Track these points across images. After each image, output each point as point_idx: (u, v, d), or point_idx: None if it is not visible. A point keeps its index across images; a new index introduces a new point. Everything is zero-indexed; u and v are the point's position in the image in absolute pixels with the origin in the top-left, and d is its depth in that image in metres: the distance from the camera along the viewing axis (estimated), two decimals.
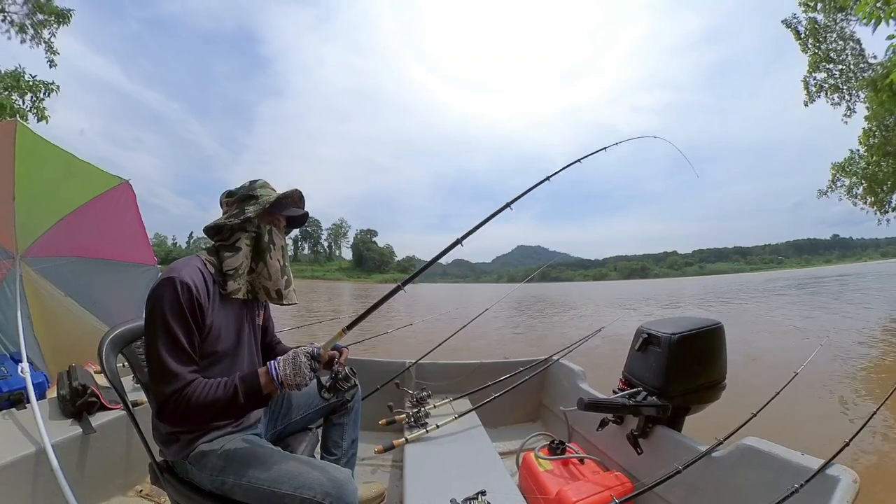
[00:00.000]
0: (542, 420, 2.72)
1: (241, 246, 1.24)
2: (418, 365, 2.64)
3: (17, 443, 1.55)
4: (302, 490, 1.02)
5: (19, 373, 1.94)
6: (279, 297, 1.29)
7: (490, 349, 8.21)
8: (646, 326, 1.86)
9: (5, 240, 2.33)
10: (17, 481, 1.45)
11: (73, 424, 1.74)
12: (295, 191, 1.34)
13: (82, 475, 1.65)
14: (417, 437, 1.93)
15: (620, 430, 1.85)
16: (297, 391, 1.40)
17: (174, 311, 1.05)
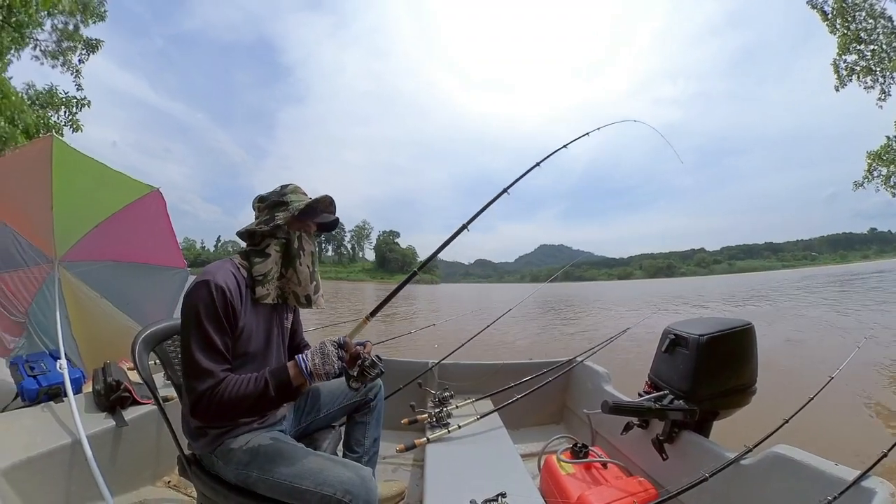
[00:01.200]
0: (565, 422, 2.70)
1: (271, 252, 1.27)
2: (441, 365, 2.65)
3: (54, 434, 1.64)
4: (323, 487, 1.05)
5: (58, 369, 2.05)
6: (308, 303, 1.33)
7: (513, 350, 8.16)
8: (673, 327, 1.82)
9: (45, 246, 2.47)
10: (53, 469, 1.54)
11: (106, 418, 1.83)
12: (325, 197, 1.34)
13: (114, 465, 1.74)
14: (439, 437, 1.94)
15: (645, 435, 1.82)
16: (324, 382, 1.42)
17: (208, 313, 1.10)
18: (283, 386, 1.09)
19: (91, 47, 10.61)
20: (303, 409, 1.49)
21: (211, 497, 1.19)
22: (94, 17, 10.35)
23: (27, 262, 2.45)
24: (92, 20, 10.34)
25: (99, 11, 10.37)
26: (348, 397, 1.55)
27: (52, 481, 1.54)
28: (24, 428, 1.66)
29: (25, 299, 2.45)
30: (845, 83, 12.94)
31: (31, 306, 2.47)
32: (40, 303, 2.49)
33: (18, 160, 2.51)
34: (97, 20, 10.46)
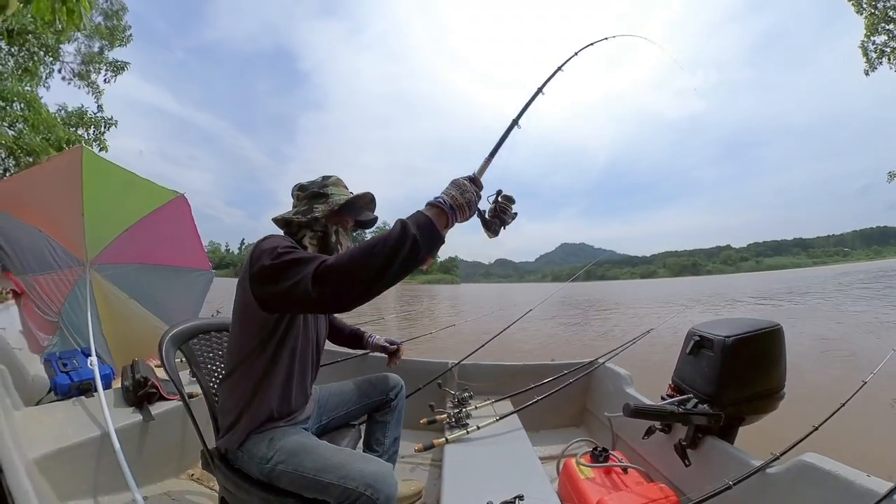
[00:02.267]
0: (585, 425, 2.67)
1: (307, 244, 1.27)
2: (461, 366, 2.66)
3: (84, 426, 1.73)
4: (345, 480, 1.06)
5: (88, 365, 2.15)
6: None
7: (534, 351, 8.10)
8: (697, 328, 1.78)
9: (76, 250, 2.61)
10: (83, 460, 1.63)
11: (134, 412, 1.92)
12: (367, 194, 1.34)
13: (141, 458, 1.81)
14: (457, 438, 1.95)
15: (668, 440, 1.78)
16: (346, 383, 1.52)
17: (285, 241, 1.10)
18: (424, 224, 0.92)
19: (117, 69, 11.41)
20: (324, 406, 1.52)
21: (233, 491, 1.23)
22: (119, 42, 11.19)
23: (60, 266, 2.58)
24: (119, 44, 11.17)
25: (123, 37, 11.18)
26: (370, 396, 1.58)
27: (82, 471, 1.62)
28: (56, 420, 1.76)
29: (58, 300, 2.57)
30: (875, 66, 12.22)
31: (63, 306, 2.59)
32: (72, 303, 2.62)
33: (51, 170, 2.67)
34: (122, 44, 11.29)
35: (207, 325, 1.51)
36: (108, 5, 10.43)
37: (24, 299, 2.42)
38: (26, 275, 2.43)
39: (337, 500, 1.07)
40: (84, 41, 10.75)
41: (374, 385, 1.61)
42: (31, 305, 2.44)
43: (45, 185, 2.48)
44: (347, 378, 1.68)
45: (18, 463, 1.25)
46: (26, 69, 9.79)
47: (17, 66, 9.80)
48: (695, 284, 52.82)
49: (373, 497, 1.04)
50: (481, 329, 4.08)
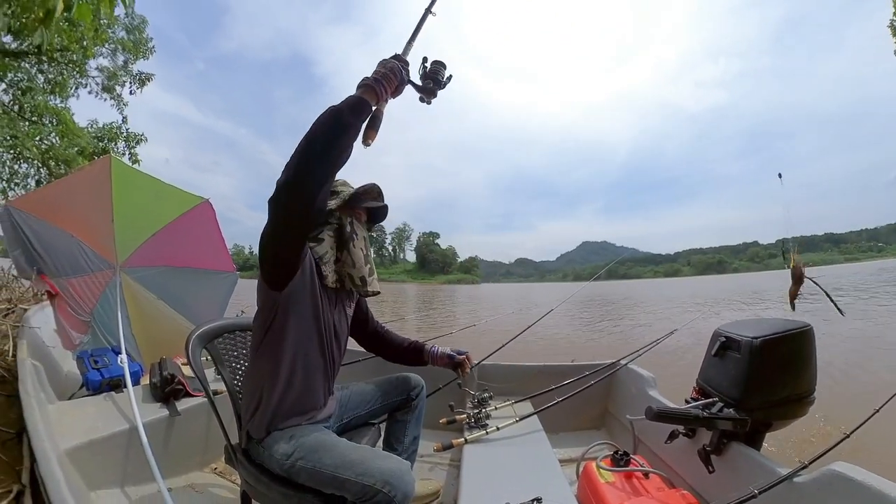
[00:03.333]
0: (606, 428, 2.64)
1: (325, 237, 1.33)
2: (481, 366, 2.66)
3: (114, 420, 1.81)
4: (364, 477, 1.08)
5: (118, 363, 2.26)
6: (363, 284, 1.37)
7: (554, 352, 8.02)
8: (724, 329, 1.72)
9: (107, 254, 2.73)
10: (112, 452, 1.71)
11: (161, 408, 2.00)
12: (373, 185, 1.39)
13: (167, 451, 1.89)
14: (476, 439, 1.96)
15: (691, 445, 1.74)
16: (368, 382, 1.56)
17: None
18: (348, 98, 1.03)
19: (142, 81, 11.94)
20: (345, 405, 1.54)
21: (254, 485, 1.27)
22: (143, 54, 11.65)
23: (92, 269, 2.70)
24: (143, 56, 11.65)
25: (146, 49, 11.63)
26: (391, 396, 1.60)
27: (111, 463, 1.70)
28: (87, 414, 1.85)
29: (90, 301, 2.69)
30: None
31: (95, 307, 2.71)
32: (104, 304, 2.74)
33: (81, 179, 2.81)
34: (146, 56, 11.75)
35: (232, 325, 1.56)
36: (129, 20, 10.91)
37: (59, 300, 2.52)
38: (60, 277, 2.54)
39: (355, 496, 1.09)
40: (109, 55, 11.31)
41: (395, 385, 1.63)
42: (65, 306, 2.55)
43: (76, 193, 2.61)
44: (369, 378, 1.70)
45: (51, 453, 1.32)
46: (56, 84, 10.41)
47: (46, 82, 10.41)
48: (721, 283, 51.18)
49: (390, 494, 1.05)
50: (501, 329, 4.07)
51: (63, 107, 10.79)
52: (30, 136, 9.90)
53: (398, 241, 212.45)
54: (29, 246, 2.40)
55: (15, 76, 9.77)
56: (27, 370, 1.96)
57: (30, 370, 1.97)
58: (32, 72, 10.03)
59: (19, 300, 4.16)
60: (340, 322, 1.40)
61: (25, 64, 9.55)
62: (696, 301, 21.17)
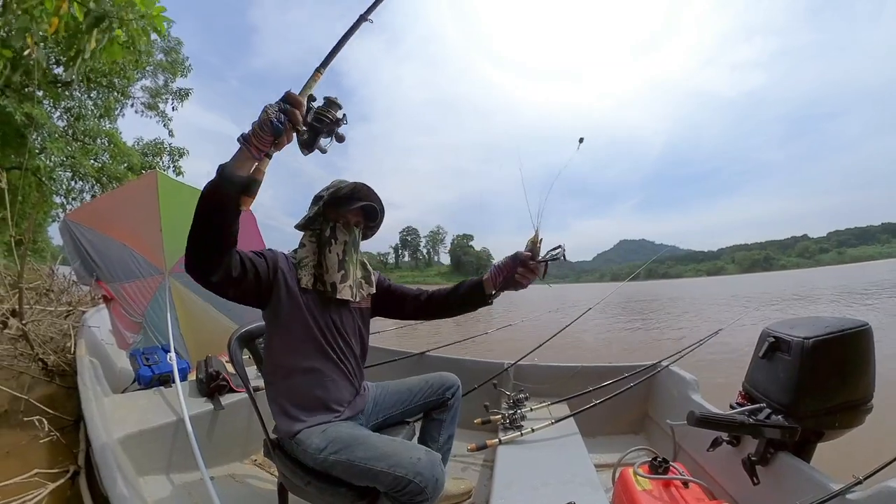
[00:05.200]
0: (645, 433, 2.55)
1: (306, 243, 1.40)
2: (517, 366, 2.65)
3: (163, 413, 1.96)
4: (396, 468, 1.12)
5: (168, 360, 2.43)
6: (332, 290, 1.36)
7: (592, 353, 7.83)
8: (772, 329, 1.61)
9: (157, 260, 2.94)
10: (160, 442, 1.85)
11: (206, 402, 2.14)
12: (353, 184, 1.39)
13: (210, 442, 2.02)
14: (511, 440, 1.95)
15: (735, 454, 1.65)
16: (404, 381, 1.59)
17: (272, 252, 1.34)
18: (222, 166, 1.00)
19: (181, 97, 13.01)
20: (381, 404, 1.57)
21: (289, 477, 1.33)
22: (181, 73, 12.74)
23: (143, 274, 2.92)
24: (181, 75, 12.75)
25: (183, 68, 12.69)
26: (426, 395, 1.60)
27: (158, 451, 1.84)
28: (138, 407, 2.00)
29: (142, 304, 2.90)
30: None
31: (146, 309, 2.92)
32: (154, 306, 2.94)
33: (130, 192, 3.07)
34: (184, 75, 12.84)
35: None
36: (165, 43, 11.82)
37: (114, 303, 2.74)
38: (115, 283, 2.76)
39: (387, 487, 1.12)
40: (150, 76, 12.47)
41: (430, 384, 1.62)
42: (119, 308, 2.76)
43: (127, 206, 2.84)
44: (404, 377, 1.71)
45: (105, 440, 1.45)
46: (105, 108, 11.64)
47: (96, 107, 11.66)
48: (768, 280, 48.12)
49: (421, 484, 1.09)
50: (538, 329, 4.02)
51: (112, 128, 11.98)
52: (85, 156, 10.98)
53: (432, 244, 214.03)
54: (87, 255, 2.62)
55: (67, 104, 10.93)
56: (85, 365, 2.14)
57: (87, 365, 2.15)
58: (83, 98, 11.21)
59: (79, 303, 4.53)
60: (343, 318, 1.41)
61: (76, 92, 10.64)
62: (742, 300, 20.05)
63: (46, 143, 10.00)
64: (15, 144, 8.66)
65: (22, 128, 8.06)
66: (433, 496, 1.12)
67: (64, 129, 10.99)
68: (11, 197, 2.79)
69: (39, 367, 2.71)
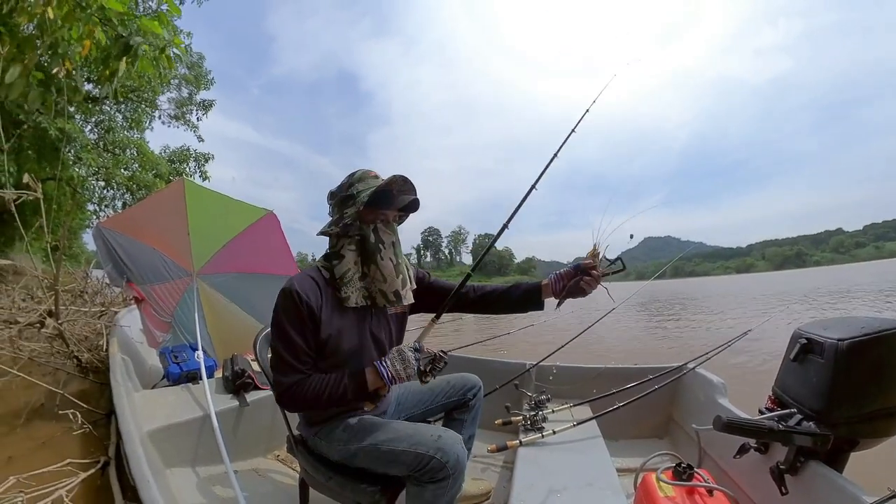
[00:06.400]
0: (669, 437, 2.49)
1: (346, 253, 1.27)
2: (539, 367, 2.63)
3: (190, 408, 2.04)
4: (417, 446, 1.16)
5: (195, 358, 2.53)
6: (398, 299, 1.30)
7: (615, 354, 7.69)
8: (805, 329, 1.54)
9: (185, 263, 3.06)
10: (187, 436, 1.93)
11: (232, 399, 2.21)
12: (394, 178, 1.26)
13: (235, 437, 2.09)
14: (532, 441, 1.94)
15: (763, 461, 1.58)
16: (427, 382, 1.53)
17: (288, 316, 1.23)
18: (359, 389, 1.19)
19: (205, 107, 13.79)
20: (403, 403, 1.58)
21: (312, 473, 1.37)
22: (204, 85, 13.48)
23: (172, 276, 3.04)
24: (204, 88, 13.49)
25: (206, 81, 13.43)
26: (448, 396, 1.60)
27: (186, 445, 1.91)
28: (167, 402, 2.09)
29: (171, 304, 3.02)
30: None
31: (175, 310, 3.03)
32: (182, 307, 3.05)
33: (160, 200, 3.26)
34: (206, 87, 13.57)
35: None
36: (188, 58, 12.33)
37: (144, 304, 2.86)
38: (145, 285, 2.89)
39: (409, 466, 1.15)
40: (175, 91, 13.20)
41: (452, 385, 1.61)
42: (150, 309, 2.88)
43: (156, 212, 2.99)
44: None
45: (135, 434, 1.51)
46: (134, 121, 12.36)
47: (125, 119, 12.40)
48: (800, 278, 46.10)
49: (442, 460, 1.11)
50: (560, 329, 3.97)
51: (140, 139, 12.67)
52: (116, 166, 11.75)
53: (454, 244, 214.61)
54: (118, 258, 2.75)
55: (98, 118, 11.71)
56: (117, 362, 2.25)
57: (119, 362, 2.25)
58: (112, 112, 11.95)
59: (111, 304, 4.73)
60: (381, 327, 1.38)
61: (106, 107, 11.40)
62: (773, 299, 19.31)
63: (81, 153, 10.62)
64: (50, 157, 9.19)
65: (56, 141, 8.53)
66: (455, 473, 1.13)
67: (95, 141, 11.69)
68: (47, 206, 2.96)
69: (74, 364, 2.85)
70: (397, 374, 1.18)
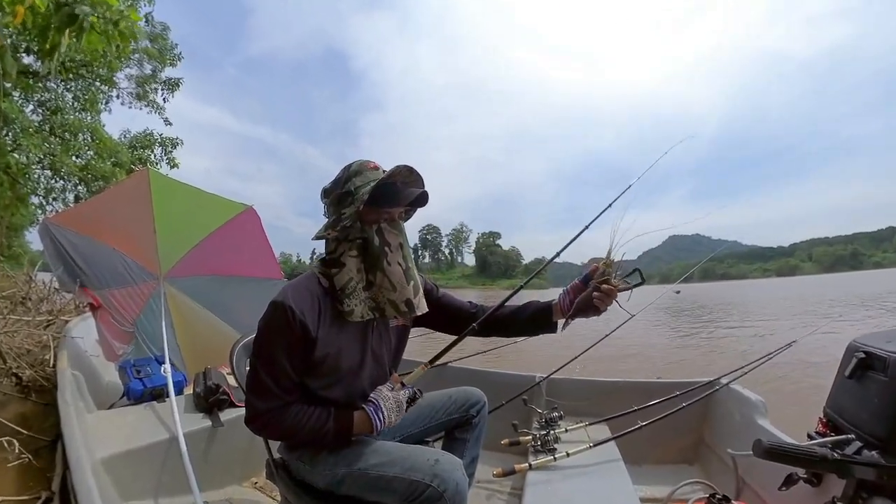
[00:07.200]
0: (700, 463, 2.48)
1: (346, 260, 1.22)
2: (550, 380, 2.64)
3: (154, 430, 2.00)
4: (411, 472, 1.13)
5: (161, 372, 2.51)
6: (410, 309, 1.25)
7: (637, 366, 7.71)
8: (862, 342, 1.52)
9: (151, 265, 3.04)
10: (149, 462, 1.89)
11: (203, 418, 2.19)
12: (397, 170, 1.19)
13: (206, 463, 2.05)
14: (543, 465, 1.94)
15: (815, 496, 1.55)
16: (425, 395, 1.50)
17: (275, 334, 1.17)
18: (343, 433, 1.21)
19: (171, 86, 13.15)
20: (400, 422, 1.56)
21: (294, 501, 1.34)
22: (170, 61, 12.83)
23: (135, 280, 3.02)
24: (170, 63, 12.85)
25: (172, 56, 12.81)
26: (449, 412, 1.58)
27: (147, 473, 1.88)
28: (126, 423, 2.06)
29: (133, 311, 2.99)
30: None
31: (139, 317, 3.00)
32: (147, 314, 3.03)
33: (120, 192, 3.25)
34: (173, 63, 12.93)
35: None
36: (150, 28, 11.97)
37: (101, 311, 2.82)
38: (102, 289, 2.85)
39: (402, 495, 1.13)
40: (136, 66, 12.60)
41: (453, 400, 1.59)
42: (108, 317, 2.84)
43: (116, 207, 2.96)
44: (426, 389, 1.70)
45: (86, 462, 1.47)
46: (87, 101, 11.83)
47: (75, 99, 11.84)
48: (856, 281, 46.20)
49: (439, 488, 1.09)
50: (574, 338, 3.96)
51: (95, 122, 12.17)
52: (66, 153, 11.23)
53: (455, 244, 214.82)
54: (70, 259, 2.71)
55: (42, 96, 11.16)
56: (66, 379, 2.20)
57: (69, 379, 2.20)
58: (59, 90, 11.40)
59: (60, 312, 4.65)
60: (381, 346, 1.36)
61: (52, 84, 10.89)
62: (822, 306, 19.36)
63: (20, 138, 10.10)
64: None
65: None
66: (454, 503, 1.10)
67: (39, 124, 11.20)
68: None
69: (13, 383, 2.73)
70: (391, 422, 1.22)
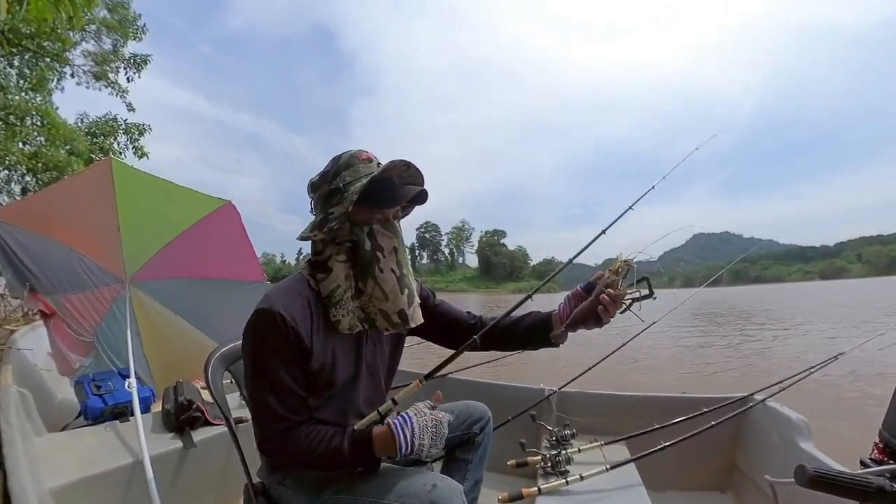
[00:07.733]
0: (733, 491, 2.46)
1: (333, 265, 1.21)
2: (561, 394, 2.63)
3: (115, 453, 1.94)
4: (406, 498, 1.12)
5: (126, 388, 2.43)
6: (403, 321, 1.26)
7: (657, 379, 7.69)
8: None
9: (114, 267, 2.99)
10: (108, 491, 1.82)
11: (174, 438, 2.13)
12: (392, 165, 1.19)
13: (175, 489, 2.00)
14: (553, 489, 1.92)
15: None
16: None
17: (269, 347, 1.14)
18: (360, 456, 1.15)
19: (138, 65, 12.52)
20: None
21: None
22: (133, 35, 12.11)
23: (96, 284, 2.96)
24: (133, 37, 12.16)
25: (135, 28, 12.10)
26: (450, 429, 1.57)
27: (108, 502, 1.81)
28: (83, 447, 1.99)
29: (94, 319, 2.93)
30: None
31: (100, 326, 2.95)
32: (110, 322, 2.97)
33: (79, 185, 3.14)
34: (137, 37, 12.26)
35: None
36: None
37: (55, 320, 2.75)
38: (56, 294, 2.78)
39: None
40: (94, 40, 12.00)
41: (455, 415, 1.55)
42: (63, 326, 2.77)
43: (74, 201, 2.88)
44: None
45: (31, 493, 1.40)
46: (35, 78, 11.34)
47: (21, 77, 11.36)
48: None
49: None
50: (586, 348, 3.95)
51: (46, 103, 11.62)
52: (11, 139, 10.80)
53: (456, 244, 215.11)
54: (17, 260, 2.63)
55: None
56: (11, 397, 2.12)
57: (14, 398, 2.12)
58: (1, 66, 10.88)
59: (5, 321, 4.57)
60: (375, 356, 1.36)
61: None
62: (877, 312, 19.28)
63: None
64: None
65: None
66: None
67: None
68: None
69: None
70: (421, 447, 1.11)
